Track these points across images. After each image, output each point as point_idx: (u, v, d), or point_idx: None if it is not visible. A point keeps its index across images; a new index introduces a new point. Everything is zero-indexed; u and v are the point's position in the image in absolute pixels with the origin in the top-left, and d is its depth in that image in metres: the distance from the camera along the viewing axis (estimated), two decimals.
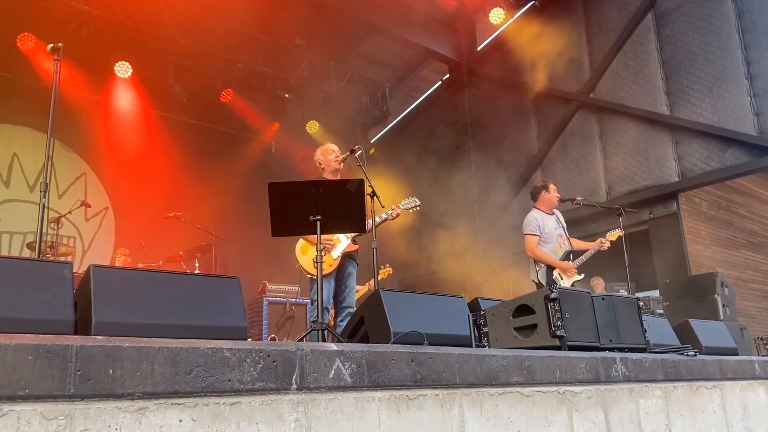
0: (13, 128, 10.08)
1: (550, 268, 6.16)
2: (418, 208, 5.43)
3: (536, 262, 6.27)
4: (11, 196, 9.93)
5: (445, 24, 12.11)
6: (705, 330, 5.22)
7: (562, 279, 6.10)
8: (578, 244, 6.49)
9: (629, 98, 9.63)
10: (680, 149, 9.03)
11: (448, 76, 12.88)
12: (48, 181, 4.02)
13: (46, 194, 3.96)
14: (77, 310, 2.47)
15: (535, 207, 6.47)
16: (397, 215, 5.26)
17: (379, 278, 7.31)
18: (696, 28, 8.89)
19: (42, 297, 2.37)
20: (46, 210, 3.96)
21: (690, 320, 5.20)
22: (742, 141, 8.23)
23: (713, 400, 4.07)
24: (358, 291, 5.99)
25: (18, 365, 1.65)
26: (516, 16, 11.32)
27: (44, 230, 3.96)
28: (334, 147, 5.44)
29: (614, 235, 6.57)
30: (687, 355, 4.11)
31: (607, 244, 6.36)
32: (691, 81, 8.87)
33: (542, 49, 10.84)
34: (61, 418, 1.69)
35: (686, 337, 5.01)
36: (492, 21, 11.25)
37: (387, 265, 7.72)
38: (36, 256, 4.00)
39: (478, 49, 12.40)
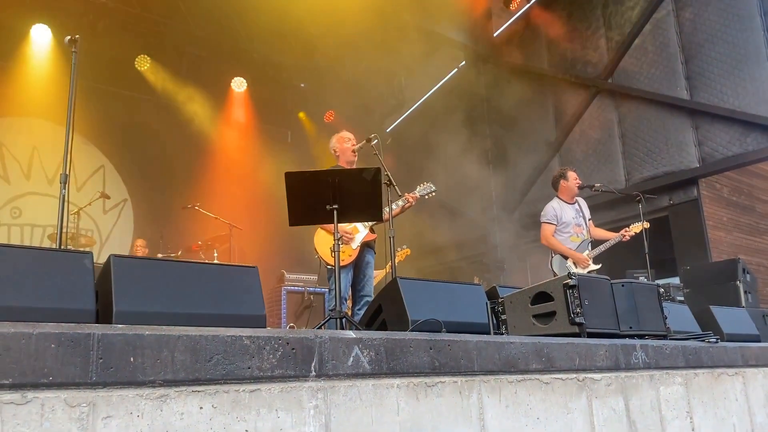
0: (33, 122, 10.19)
1: (564, 258, 6.15)
2: (433, 194, 5.38)
3: (552, 250, 6.29)
4: (31, 189, 10.06)
5: (461, 10, 12.01)
6: (726, 317, 5.16)
7: (576, 268, 6.08)
8: (600, 233, 6.44)
9: (648, 83, 9.49)
10: (700, 134, 8.88)
11: (464, 63, 12.78)
12: (68, 173, 4.06)
13: (66, 185, 4.00)
14: (98, 300, 2.50)
15: (556, 196, 6.49)
16: (413, 202, 5.21)
17: (400, 260, 7.32)
18: (716, 10, 8.71)
19: (64, 286, 2.39)
20: (66, 201, 3.99)
21: (711, 307, 5.15)
22: (765, 125, 8.08)
23: (735, 387, 4.03)
24: (376, 276, 5.99)
25: (41, 353, 1.67)
26: (533, 2, 11.21)
27: (64, 222, 4.00)
28: (350, 135, 5.43)
29: (638, 227, 6.50)
30: (708, 341, 4.07)
31: (629, 236, 6.31)
32: (712, 65, 8.71)
33: (559, 34, 10.73)
34: (84, 405, 1.72)
35: (707, 323, 4.95)
36: (509, 7, 11.15)
37: (405, 246, 7.66)
38: (57, 247, 4.05)
39: (495, 35, 12.30)
